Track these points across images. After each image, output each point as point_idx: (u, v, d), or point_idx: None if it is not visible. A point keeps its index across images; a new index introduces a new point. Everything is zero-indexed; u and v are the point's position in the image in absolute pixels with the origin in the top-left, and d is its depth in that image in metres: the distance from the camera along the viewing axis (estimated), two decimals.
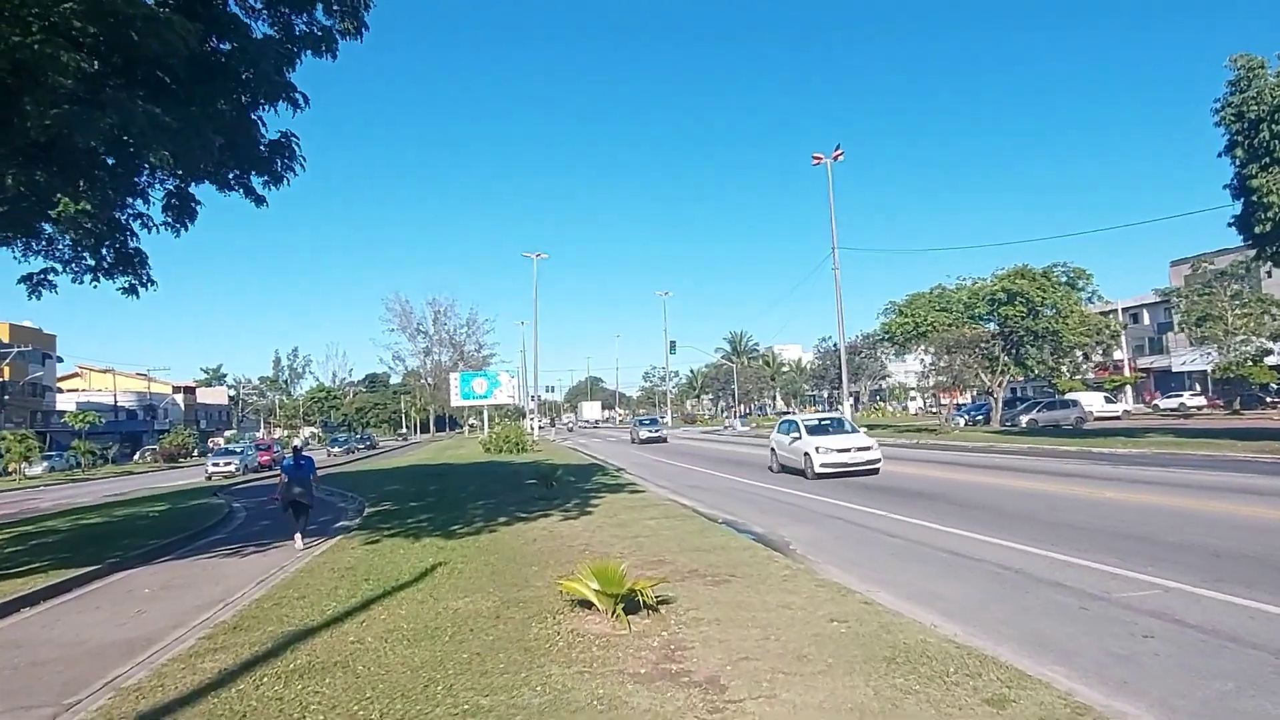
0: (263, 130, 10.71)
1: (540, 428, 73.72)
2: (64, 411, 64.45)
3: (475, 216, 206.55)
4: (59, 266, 11.39)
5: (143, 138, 8.00)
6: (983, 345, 40.36)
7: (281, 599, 8.76)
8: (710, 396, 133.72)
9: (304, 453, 14.50)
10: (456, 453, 49.42)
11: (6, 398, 70.11)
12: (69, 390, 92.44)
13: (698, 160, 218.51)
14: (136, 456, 71.10)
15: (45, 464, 55.77)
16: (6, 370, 70.42)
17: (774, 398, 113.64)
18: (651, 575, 8.80)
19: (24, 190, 8.59)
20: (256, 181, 12.62)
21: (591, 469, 27.89)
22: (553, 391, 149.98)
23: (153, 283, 12.09)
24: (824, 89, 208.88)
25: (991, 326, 42.03)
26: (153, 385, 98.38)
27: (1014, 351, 40.85)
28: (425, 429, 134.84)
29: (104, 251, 11.55)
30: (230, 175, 12.21)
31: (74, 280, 11.90)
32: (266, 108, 10.16)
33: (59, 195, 8.51)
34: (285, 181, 11.41)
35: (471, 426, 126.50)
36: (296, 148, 11.05)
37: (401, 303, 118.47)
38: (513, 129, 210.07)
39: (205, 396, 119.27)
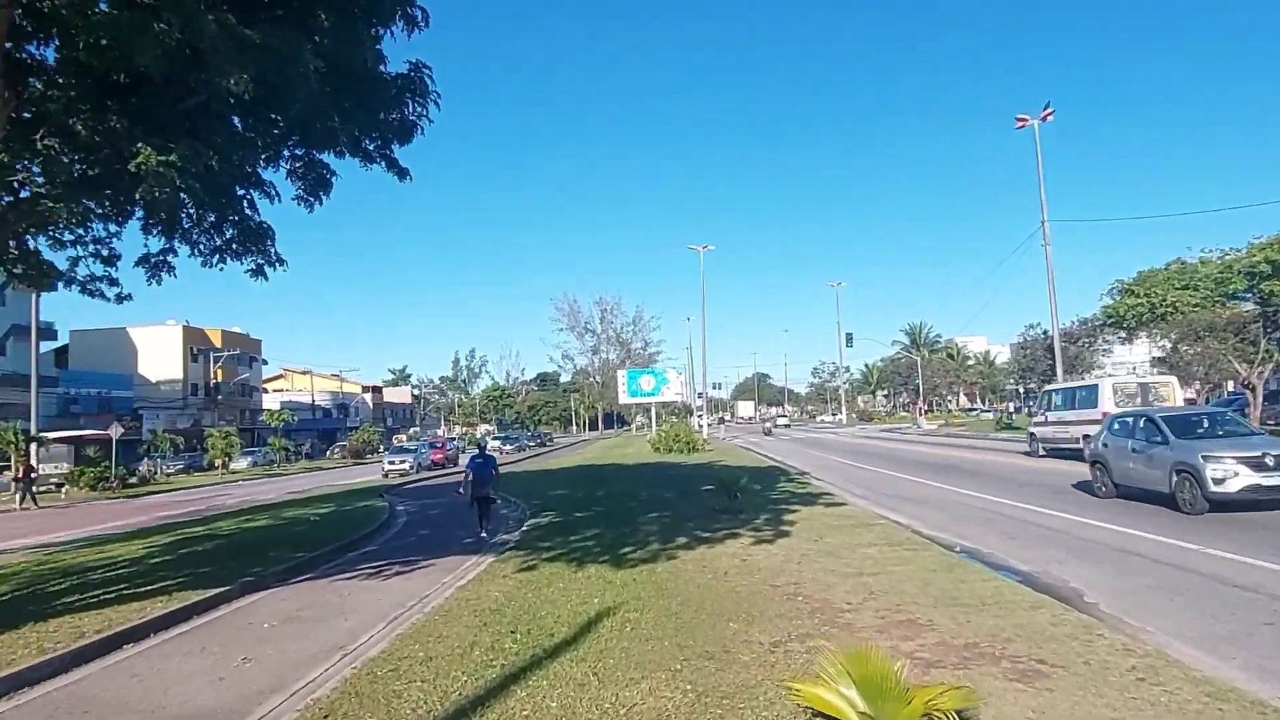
0: (384, 65, 8.76)
1: (708, 426, 71.23)
2: (267, 410, 68.72)
3: (640, 210, 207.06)
4: (178, 246, 10.06)
5: (216, 55, 6.15)
6: (1245, 328, 33.71)
7: (402, 660, 6.61)
8: (885, 393, 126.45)
9: (487, 450, 15.71)
10: (624, 452, 47.85)
11: (220, 398, 76.34)
12: (274, 391, 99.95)
13: (874, 139, 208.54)
14: (329, 452, 75.10)
15: (248, 459, 59.51)
16: (219, 373, 76.68)
17: (958, 393, 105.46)
18: (912, 652, 5.95)
19: (98, 139, 7.03)
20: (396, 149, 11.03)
21: (773, 473, 25.00)
22: (720, 389, 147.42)
23: (281, 262, 10.56)
24: (1026, 39, 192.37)
25: (1249, 306, 35.21)
26: (345, 385, 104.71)
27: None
28: (594, 426, 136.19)
29: (225, 228, 10.07)
30: (369, 143, 10.54)
31: (203, 264, 10.54)
32: (380, 29, 8.14)
33: (140, 145, 6.82)
34: (419, 130, 9.42)
35: (639, 425, 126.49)
36: (429, 82, 9.01)
37: (569, 302, 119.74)
38: (676, 116, 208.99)
39: (391, 396, 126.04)
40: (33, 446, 35.26)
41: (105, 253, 10.92)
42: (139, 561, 12.83)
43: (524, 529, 14.91)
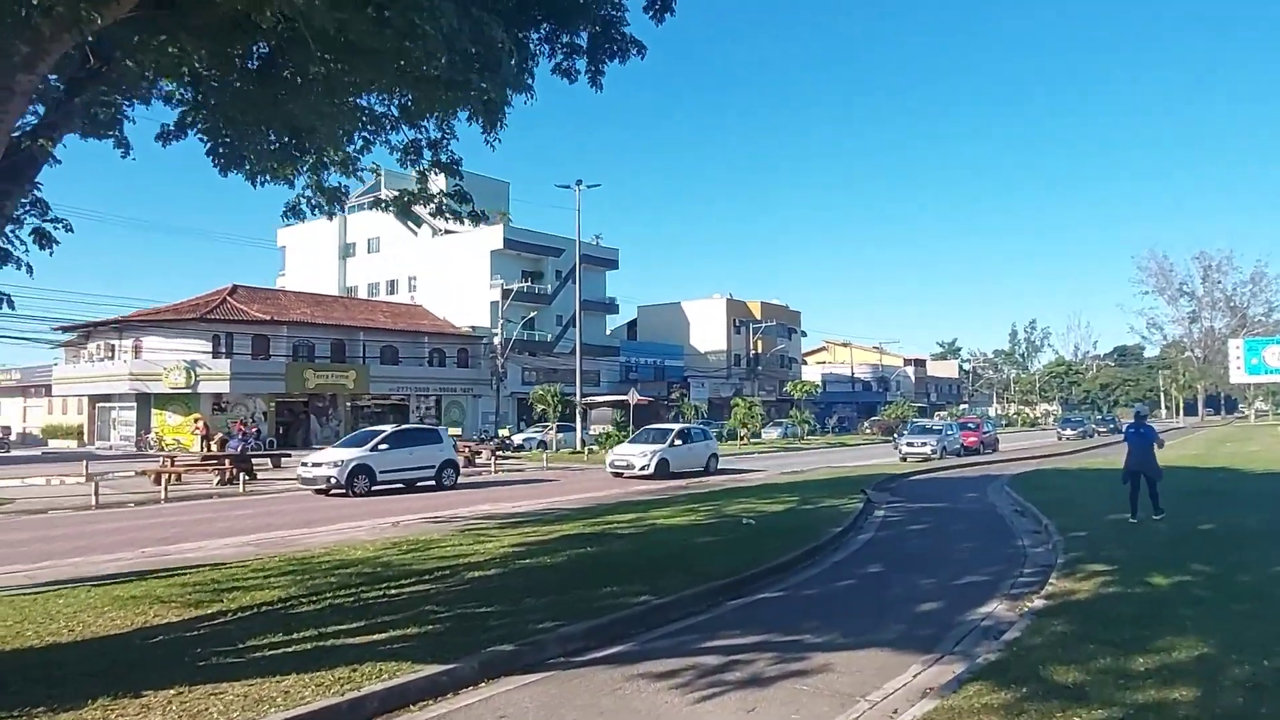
0: None
1: None
2: (791, 382, 67.82)
3: (1249, 129, 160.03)
4: None
5: None
6: None
7: None
8: None
9: (1146, 421, 13.85)
10: (1244, 450, 34.04)
11: (759, 368, 78.62)
12: (816, 363, 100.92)
13: None
14: (862, 426, 71.60)
15: (778, 430, 59.20)
16: (759, 344, 78.96)
17: None
18: None
19: None
20: None
21: None
22: None
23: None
24: None
25: None
26: (885, 358, 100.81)
27: None
28: (1191, 410, 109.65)
29: None
30: None
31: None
32: None
33: None
34: None
35: (1259, 412, 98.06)
36: None
37: (1158, 260, 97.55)
38: None
39: (935, 369, 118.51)
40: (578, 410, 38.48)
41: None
42: (456, 572, 9.50)
43: (1039, 604, 7.94)
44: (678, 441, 26.86)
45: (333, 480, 20.30)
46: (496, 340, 50.05)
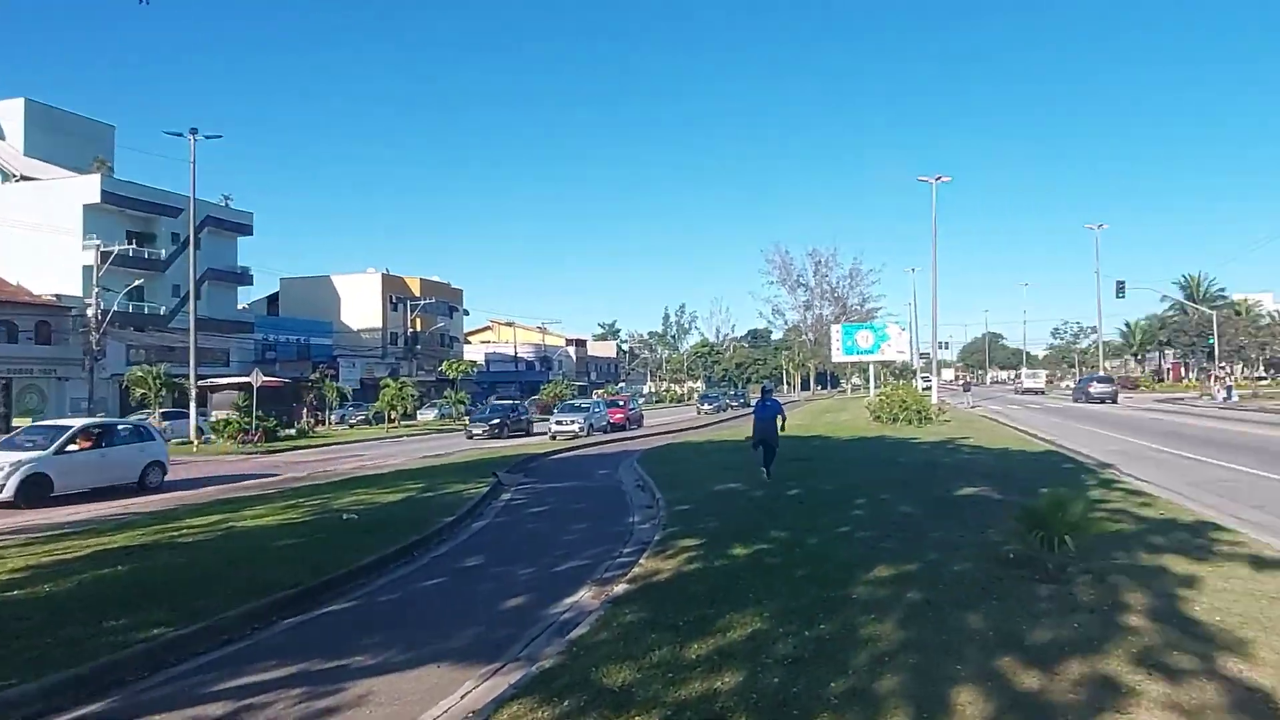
0: None
1: (938, 390, 60.50)
2: (447, 361, 65.93)
3: (863, 148, 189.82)
4: None
5: None
6: None
7: None
8: (1138, 357, 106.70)
9: (772, 396, 15.99)
10: (837, 419, 39.46)
11: (418, 347, 75.83)
12: (481, 343, 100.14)
13: (1131, 53, 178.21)
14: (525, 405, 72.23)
15: (435, 411, 57.36)
16: (418, 321, 76.13)
17: (1258, 358, 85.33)
18: None
19: None
20: None
21: (1058, 465, 16.20)
22: (946, 348, 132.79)
23: None
24: None
25: None
26: (548, 338, 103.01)
27: None
28: (805, 386, 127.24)
29: None
30: None
31: None
32: None
33: None
34: None
35: (854, 386, 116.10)
36: None
37: (781, 254, 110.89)
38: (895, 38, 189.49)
39: (596, 350, 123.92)
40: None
41: None
42: None
43: (620, 590, 7.65)
44: (74, 446, 17.01)
45: None
46: (90, 312, 42.07)
